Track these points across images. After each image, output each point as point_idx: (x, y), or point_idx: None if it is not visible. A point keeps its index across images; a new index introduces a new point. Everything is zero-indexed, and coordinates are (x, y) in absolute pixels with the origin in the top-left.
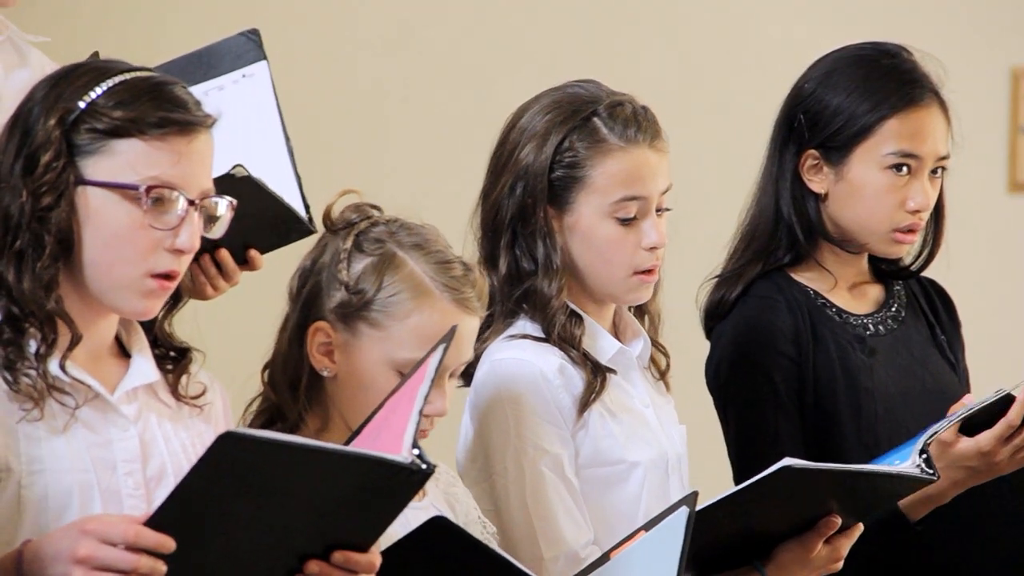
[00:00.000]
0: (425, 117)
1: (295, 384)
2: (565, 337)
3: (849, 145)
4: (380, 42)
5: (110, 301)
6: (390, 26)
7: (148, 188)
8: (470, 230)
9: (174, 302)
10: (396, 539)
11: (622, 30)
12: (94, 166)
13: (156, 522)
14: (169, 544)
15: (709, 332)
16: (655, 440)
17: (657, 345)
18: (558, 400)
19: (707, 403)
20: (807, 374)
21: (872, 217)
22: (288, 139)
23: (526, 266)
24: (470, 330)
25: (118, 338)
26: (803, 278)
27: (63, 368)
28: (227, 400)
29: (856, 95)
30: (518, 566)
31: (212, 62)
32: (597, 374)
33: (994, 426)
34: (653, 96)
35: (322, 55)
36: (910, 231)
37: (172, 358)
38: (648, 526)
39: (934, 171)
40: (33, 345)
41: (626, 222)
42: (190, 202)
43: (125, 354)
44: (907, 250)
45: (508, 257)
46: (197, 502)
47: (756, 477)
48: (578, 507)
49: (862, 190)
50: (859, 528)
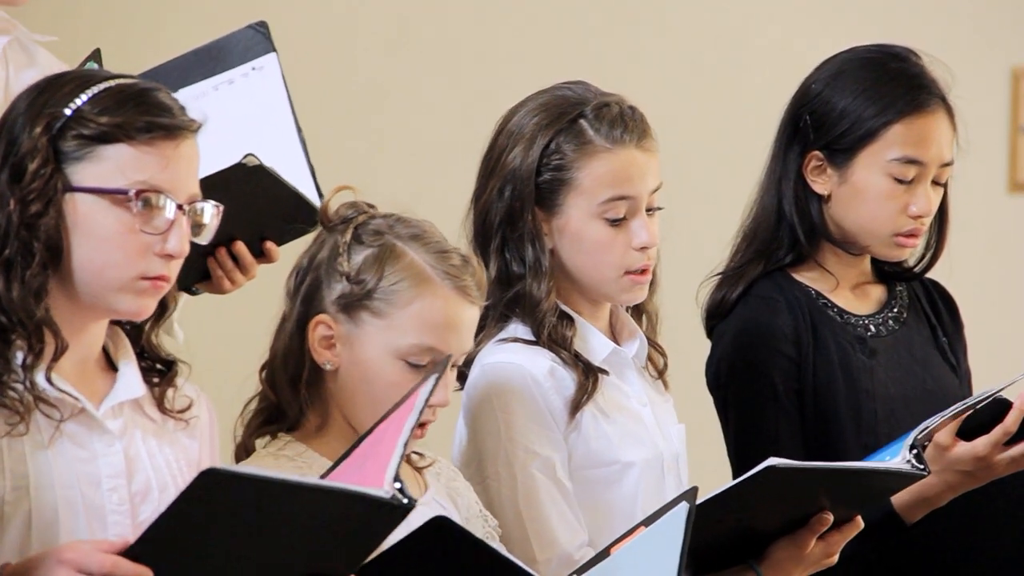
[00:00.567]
0: (425, 117)
1: (295, 380)
2: (555, 339)
3: (854, 148)
4: (380, 41)
5: (104, 303)
6: (390, 25)
7: (137, 192)
8: (462, 233)
9: (160, 312)
10: (397, 539)
11: (621, 30)
12: (82, 172)
13: (135, 552)
14: (147, 575)
15: (710, 331)
16: (650, 440)
17: (654, 345)
18: (549, 402)
19: (706, 402)
20: (807, 374)
21: (874, 221)
22: (300, 130)
23: (516, 269)
24: (471, 319)
25: (105, 349)
26: (804, 278)
27: (49, 380)
28: (213, 414)
29: (863, 98)
30: (520, 565)
31: (221, 56)
32: (589, 375)
33: (991, 432)
34: (652, 96)
35: (322, 54)
36: (912, 235)
37: (158, 371)
38: (648, 521)
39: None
40: (19, 357)
41: (615, 223)
42: (178, 206)
43: (112, 366)
44: (909, 254)
45: (498, 261)
46: (177, 535)
47: (741, 477)
48: (571, 509)
49: (865, 193)
50: (855, 526)
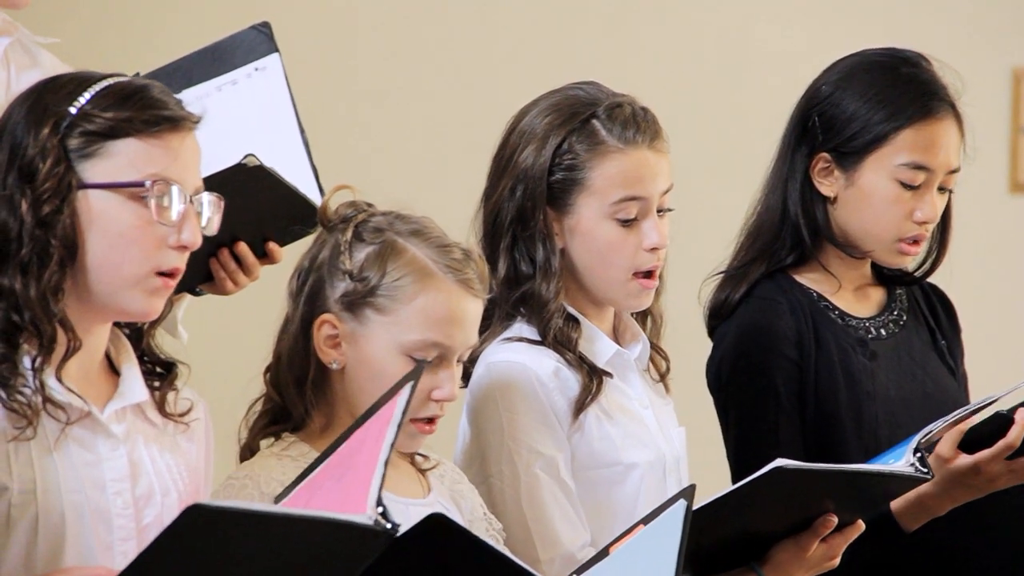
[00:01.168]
0: (427, 117)
1: (301, 381)
2: (561, 340)
3: (862, 152)
4: (382, 42)
5: (116, 303)
6: (392, 26)
7: (153, 183)
8: (471, 231)
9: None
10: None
11: (625, 30)
12: (92, 169)
13: None
14: None
15: (711, 331)
16: (653, 442)
17: (657, 348)
18: (553, 402)
19: (707, 405)
20: (808, 377)
21: (878, 225)
22: (303, 131)
23: (524, 269)
24: (474, 313)
25: (107, 354)
26: (806, 279)
27: (59, 380)
28: (209, 421)
29: (873, 102)
30: (518, 562)
31: (224, 57)
32: (593, 377)
33: (993, 446)
34: (656, 97)
35: (324, 55)
36: (915, 242)
37: (159, 374)
38: (647, 520)
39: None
40: (27, 361)
41: (626, 223)
42: (188, 198)
43: (114, 370)
44: (910, 261)
45: (507, 260)
46: (164, 568)
47: (748, 478)
48: (574, 509)
49: (871, 197)
50: (856, 528)
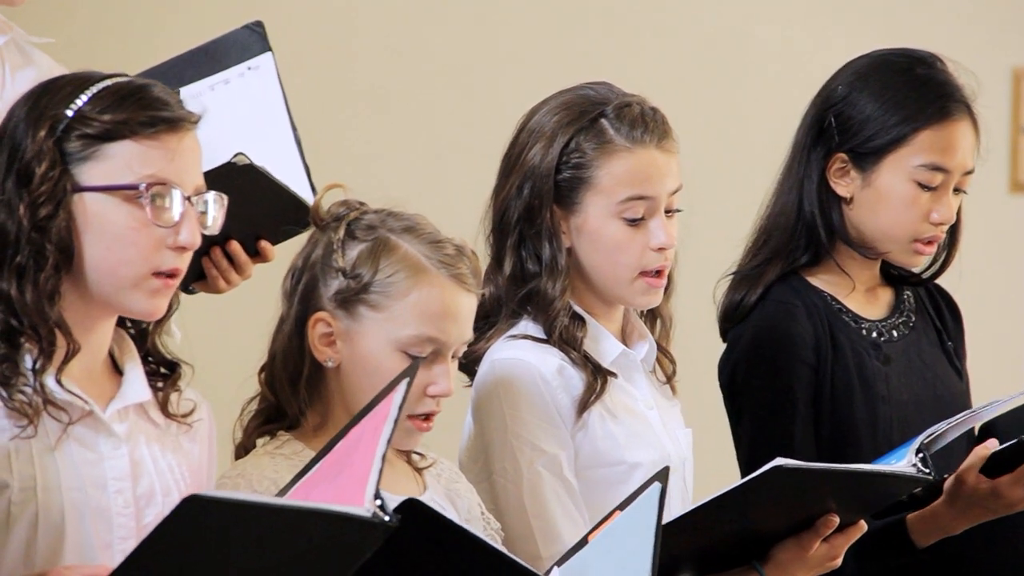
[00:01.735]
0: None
1: (295, 380)
2: (566, 338)
3: (880, 153)
4: (378, 41)
5: (118, 303)
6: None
7: (148, 185)
8: (480, 230)
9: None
10: None
11: (629, 31)
12: (89, 172)
13: None
14: None
15: (724, 333)
16: (657, 442)
17: (663, 350)
18: (556, 400)
19: (714, 407)
20: (825, 381)
21: (895, 226)
22: (295, 130)
23: (531, 267)
24: (468, 308)
25: (110, 353)
26: (819, 281)
27: (59, 383)
28: (213, 422)
29: (890, 104)
30: (494, 546)
31: (217, 56)
32: (597, 376)
33: (1015, 471)
34: (656, 97)
35: (320, 55)
36: (930, 243)
37: (162, 374)
38: (623, 505)
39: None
40: (28, 360)
41: (634, 222)
42: (186, 198)
43: (117, 369)
44: (925, 261)
45: (513, 257)
46: (160, 560)
47: (747, 477)
48: (576, 507)
49: (889, 198)
50: (859, 528)
